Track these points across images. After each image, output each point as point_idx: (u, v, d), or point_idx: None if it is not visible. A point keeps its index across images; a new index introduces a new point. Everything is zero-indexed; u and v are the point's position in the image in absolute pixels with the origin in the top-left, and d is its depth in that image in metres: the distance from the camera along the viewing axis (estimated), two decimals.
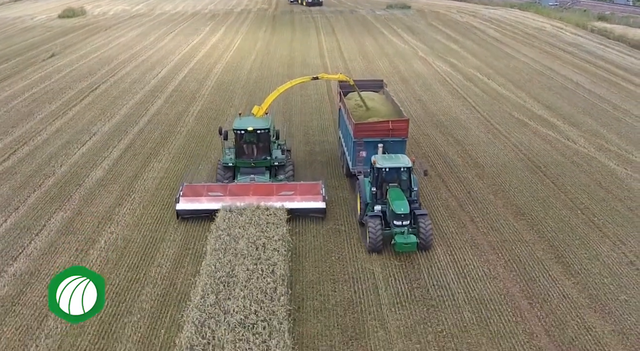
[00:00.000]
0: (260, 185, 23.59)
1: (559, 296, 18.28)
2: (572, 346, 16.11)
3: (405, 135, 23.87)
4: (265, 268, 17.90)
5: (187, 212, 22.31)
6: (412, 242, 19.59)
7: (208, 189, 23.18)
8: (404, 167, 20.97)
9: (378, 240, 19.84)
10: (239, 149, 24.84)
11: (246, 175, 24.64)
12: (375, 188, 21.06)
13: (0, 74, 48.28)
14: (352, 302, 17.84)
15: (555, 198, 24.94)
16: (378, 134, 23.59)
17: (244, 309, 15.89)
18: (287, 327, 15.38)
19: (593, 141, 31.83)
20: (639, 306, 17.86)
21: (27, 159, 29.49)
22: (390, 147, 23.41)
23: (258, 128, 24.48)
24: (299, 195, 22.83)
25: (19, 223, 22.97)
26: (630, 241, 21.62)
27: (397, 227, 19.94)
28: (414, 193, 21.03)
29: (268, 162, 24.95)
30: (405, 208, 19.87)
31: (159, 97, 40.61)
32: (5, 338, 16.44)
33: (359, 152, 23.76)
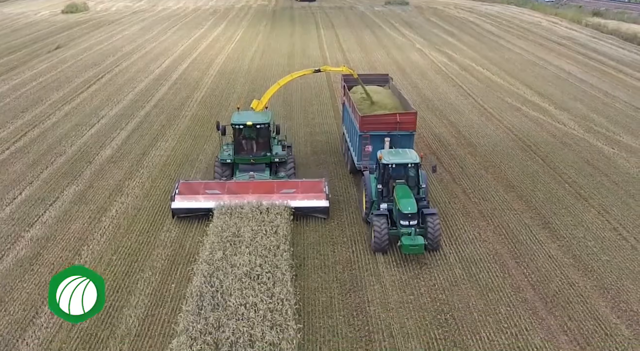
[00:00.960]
0: (260, 182, 22.56)
1: (544, 257, 19.51)
2: (556, 299, 17.31)
3: (413, 128, 23.05)
4: (269, 229, 19.11)
5: (183, 210, 21.25)
6: (420, 243, 18.38)
7: (205, 187, 22.15)
8: (411, 162, 19.87)
9: (384, 241, 18.86)
10: (238, 145, 23.75)
11: (245, 172, 23.56)
12: (382, 185, 19.97)
13: (8, 64, 49.37)
14: (350, 261, 19.08)
15: (544, 173, 26.19)
16: (385, 127, 22.81)
17: (249, 263, 17.10)
18: (289, 277, 16.61)
19: (582, 124, 33.09)
20: (619, 266, 19.07)
21: (38, 140, 30.68)
22: (397, 141, 22.62)
23: (257, 122, 23.42)
24: (300, 193, 21.70)
25: (34, 195, 24.17)
26: (614, 210, 22.85)
27: (404, 227, 18.78)
28: (422, 191, 19.94)
29: (268, 158, 23.85)
30: (412, 207, 18.70)
31: (164, 84, 41.82)
32: (26, 292, 17.64)
33: (365, 146, 22.95)
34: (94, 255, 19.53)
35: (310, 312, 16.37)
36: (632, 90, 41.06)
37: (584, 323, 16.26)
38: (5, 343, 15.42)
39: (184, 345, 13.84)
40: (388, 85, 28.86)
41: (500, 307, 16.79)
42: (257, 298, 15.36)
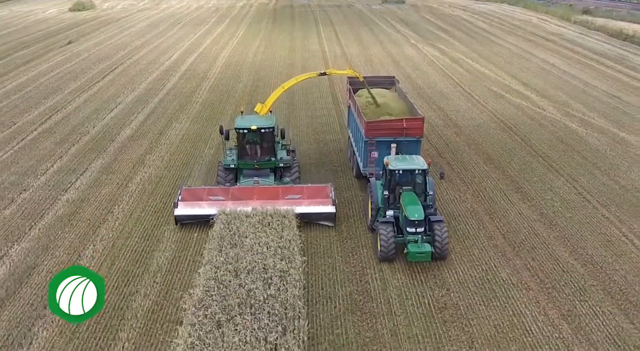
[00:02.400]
0: (265, 188, 22.08)
1: (515, 213, 22.53)
2: (522, 245, 20.31)
3: (420, 134, 22.58)
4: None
5: (186, 217, 20.92)
6: (427, 251, 18.09)
7: (209, 193, 21.74)
8: (419, 169, 19.49)
9: (390, 249, 18.52)
10: (242, 150, 23.19)
11: (249, 177, 23.04)
12: (388, 191, 19.56)
13: (24, 57, 52.28)
14: (347, 217, 22.07)
15: (521, 149, 29.21)
16: (391, 133, 22.37)
17: (261, 214, 20.07)
18: (295, 224, 19.60)
19: (561, 109, 36.11)
20: (581, 221, 22.07)
21: (62, 122, 33.64)
22: (404, 147, 22.19)
23: (262, 127, 22.88)
24: (306, 199, 21.26)
25: (65, 167, 27.14)
26: (581, 179, 25.85)
27: (411, 234, 18.51)
28: (430, 198, 19.59)
29: (273, 163, 23.33)
30: (419, 214, 18.36)
31: (174, 75, 44.78)
32: (67, 240, 20.62)
33: (371, 152, 22.58)
34: (124, 212, 22.53)
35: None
36: (611, 81, 44.02)
37: (545, 263, 19.27)
38: (66, 259, 18.44)
39: (210, 272, 16.78)
40: (394, 88, 28.48)
41: (474, 250, 19.78)
42: (269, 238, 18.32)
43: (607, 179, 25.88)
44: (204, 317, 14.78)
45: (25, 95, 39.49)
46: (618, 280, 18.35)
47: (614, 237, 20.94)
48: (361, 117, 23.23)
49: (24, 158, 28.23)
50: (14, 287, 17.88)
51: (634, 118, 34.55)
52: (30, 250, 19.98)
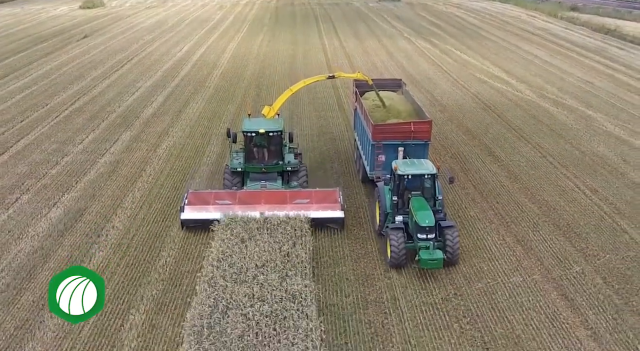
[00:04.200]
0: (272, 192, 21.88)
1: (486, 171, 26.62)
2: (490, 193, 24.35)
3: (428, 138, 22.47)
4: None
5: (193, 221, 20.73)
6: (439, 258, 17.79)
7: (215, 197, 21.47)
8: (428, 173, 19.24)
9: (401, 255, 18.28)
10: (249, 153, 22.89)
11: (256, 181, 22.74)
12: (397, 197, 19.31)
13: (44, 50, 56.23)
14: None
15: (497, 123, 33.31)
16: (398, 137, 22.21)
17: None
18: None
19: (537, 92, 40.19)
20: (542, 176, 26.12)
21: (90, 102, 37.67)
22: (411, 150, 22.03)
23: (270, 130, 22.60)
24: (315, 204, 21.04)
25: (98, 137, 31.18)
26: (547, 146, 29.89)
27: (422, 240, 18.21)
28: (439, 203, 19.37)
29: (280, 167, 22.98)
30: (430, 220, 18.12)
31: (186, 64, 48.85)
32: (110, 190, 24.68)
33: (378, 155, 22.38)
34: (155, 170, 26.59)
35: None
36: (587, 69, 48.08)
37: (507, 205, 23.35)
38: (103, 217, 22.41)
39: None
40: (401, 91, 28.45)
41: (448, 196, 23.73)
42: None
43: (570, 146, 29.95)
44: (230, 235, 18.75)
45: (51, 81, 43.48)
46: (567, 218, 22.41)
47: (568, 188, 25.02)
48: (368, 120, 23.01)
49: (61, 131, 32.25)
50: (70, 223, 21.92)
51: (602, 100, 38.62)
52: (80, 197, 24.03)
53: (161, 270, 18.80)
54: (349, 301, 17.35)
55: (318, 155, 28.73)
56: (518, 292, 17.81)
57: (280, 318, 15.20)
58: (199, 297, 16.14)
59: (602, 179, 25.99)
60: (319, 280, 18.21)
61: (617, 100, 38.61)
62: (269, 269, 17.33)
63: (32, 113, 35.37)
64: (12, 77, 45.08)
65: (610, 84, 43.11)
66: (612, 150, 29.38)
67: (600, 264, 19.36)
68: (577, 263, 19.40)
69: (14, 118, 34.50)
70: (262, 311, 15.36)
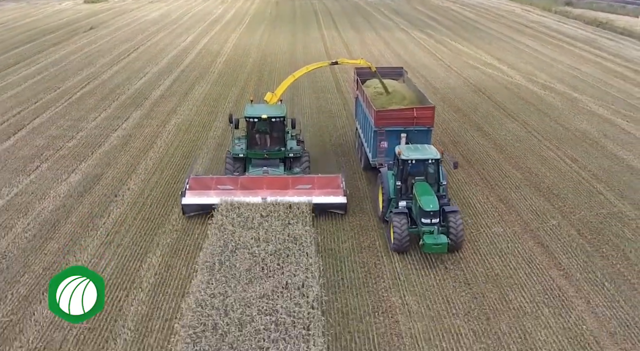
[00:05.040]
0: (275, 178, 21.68)
1: (474, 143, 28.51)
2: (477, 161, 26.24)
3: (430, 124, 22.40)
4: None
5: (194, 207, 20.65)
6: (443, 242, 17.71)
7: (217, 182, 21.42)
8: (432, 158, 19.20)
9: (404, 240, 18.27)
10: (251, 139, 22.79)
11: (258, 167, 22.58)
12: (400, 182, 19.26)
13: (52, 40, 57.96)
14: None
15: (486, 103, 35.22)
16: (401, 123, 22.08)
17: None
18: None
19: (526, 77, 42.09)
20: (525, 148, 28.01)
21: (100, 86, 39.53)
22: (414, 137, 21.89)
23: (273, 116, 22.48)
24: (317, 189, 20.98)
25: (110, 115, 33.04)
26: (533, 123, 31.78)
27: (426, 225, 18.16)
28: (443, 188, 19.36)
29: (282, 153, 22.91)
30: (434, 205, 18.02)
31: (191, 53, 50.73)
32: (124, 159, 26.55)
33: (380, 142, 22.13)
34: (165, 143, 28.47)
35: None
36: (577, 57, 49.97)
37: (491, 172, 25.25)
38: (118, 181, 24.28)
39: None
40: (402, 79, 28.45)
41: None
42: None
43: (554, 123, 31.83)
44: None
45: (62, 68, 45.30)
46: (547, 182, 24.31)
47: (550, 158, 26.93)
48: (370, 107, 22.86)
49: (74, 110, 34.11)
50: (89, 186, 23.78)
51: (589, 84, 40.51)
52: (96, 165, 25.91)
53: (174, 222, 20.65)
54: (345, 246, 19.24)
55: (317, 129, 30.69)
56: (498, 240, 19.71)
57: (283, 256, 17.06)
58: (210, 240, 18.01)
59: (582, 151, 27.88)
60: (318, 229, 19.99)
61: (602, 84, 40.49)
62: (272, 218, 19.18)
63: (45, 96, 37.18)
64: (22, 64, 46.86)
65: (597, 70, 45.00)
66: (594, 127, 31.26)
67: (575, 219, 21.24)
68: (554, 217, 21.30)
69: (28, 99, 36.30)
70: (267, 250, 17.23)
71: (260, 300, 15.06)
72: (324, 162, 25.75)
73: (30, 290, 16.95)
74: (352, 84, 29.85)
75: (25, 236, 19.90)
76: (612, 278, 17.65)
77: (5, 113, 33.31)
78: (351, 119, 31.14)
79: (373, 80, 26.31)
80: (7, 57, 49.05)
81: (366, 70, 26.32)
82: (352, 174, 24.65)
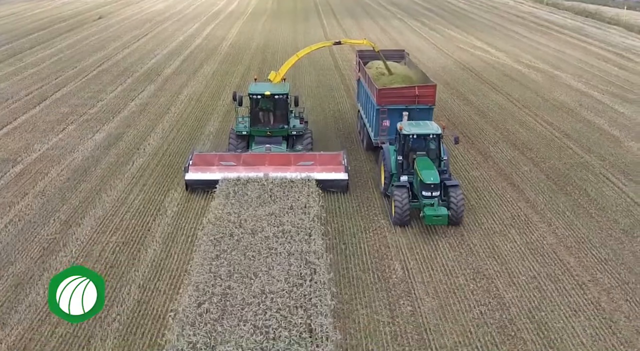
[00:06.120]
0: (277, 155, 21.96)
1: (459, 110, 31.38)
2: (460, 124, 29.05)
3: (432, 102, 22.68)
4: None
5: (197, 182, 20.92)
6: (444, 214, 17.97)
7: (220, 158, 21.73)
8: (433, 134, 19.50)
9: (405, 212, 18.41)
10: (254, 116, 23.00)
11: (261, 144, 22.84)
12: (402, 157, 19.52)
13: (64, 28, 60.73)
14: (339, 111, 30.88)
15: (472, 79, 38.11)
16: (403, 101, 22.35)
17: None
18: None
19: (513, 58, 44.93)
20: (506, 114, 30.85)
21: (115, 65, 42.35)
22: (416, 115, 22.12)
23: (276, 93, 22.79)
24: (318, 166, 21.21)
25: (127, 88, 35.89)
26: (514, 94, 34.61)
27: (426, 198, 18.36)
28: (444, 163, 19.65)
29: (285, 131, 23.12)
30: (435, 178, 18.27)
31: (197, 38, 53.59)
32: (143, 122, 29.39)
33: (383, 120, 22.17)
34: (179, 109, 31.36)
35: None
36: (563, 43, 52.74)
37: (473, 131, 28.11)
38: (139, 138, 27.09)
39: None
40: (404, 62, 28.73)
41: None
42: None
43: (535, 95, 34.67)
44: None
45: (77, 50, 48.11)
46: (523, 139, 27.16)
47: (527, 121, 29.79)
48: (373, 86, 23.08)
49: (93, 84, 36.92)
50: (113, 141, 26.64)
51: (571, 64, 43.31)
52: (118, 126, 28.76)
53: None
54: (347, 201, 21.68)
55: (317, 99, 33.58)
56: (475, 181, 22.60)
57: (289, 186, 19.90)
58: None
59: (558, 116, 30.72)
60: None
61: (584, 64, 43.31)
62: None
63: (64, 73, 39.99)
64: (39, 48, 49.62)
65: (581, 53, 47.81)
66: (570, 98, 34.10)
67: (545, 166, 24.11)
68: (526, 165, 24.18)
69: (48, 76, 39.11)
70: (274, 182, 20.06)
71: (269, 217, 17.92)
72: (324, 124, 28.64)
73: (69, 217, 19.77)
74: (353, 66, 31.46)
75: (60, 179, 22.75)
76: (573, 209, 20.50)
77: (29, 87, 36.11)
78: (347, 91, 34.01)
79: (374, 62, 26.99)
80: (23, 42, 51.84)
81: (368, 53, 27.13)
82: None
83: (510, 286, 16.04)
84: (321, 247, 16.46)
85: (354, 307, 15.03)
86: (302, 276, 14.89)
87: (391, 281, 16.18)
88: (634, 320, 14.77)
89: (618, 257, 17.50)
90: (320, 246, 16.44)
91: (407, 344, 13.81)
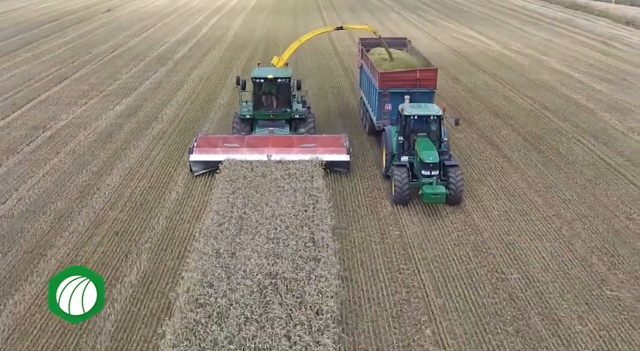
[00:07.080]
0: (280, 137, 22.35)
1: (449, 87, 34.10)
2: (448, 98, 31.73)
3: (433, 85, 23.10)
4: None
5: (202, 163, 21.35)
6: (442, 192, 18.35)
7: (224, 141, 22.05)
8: (433, 115, 19.91)
9: (405, 192, 18.77)
10: (258, 100, 23.39)
11: (265, 127, 23.27)
12: (403, 138, 19.93)
13: (74, 20, 63.33)
14: (337, 88, 33.58)
15: (463, 63, 40.84)
16: (405, 85, 22.70)
17: None
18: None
19: (502, 45, 47.65)
20: (491, 91, 33.51)
21: (127, 51, 45.04)
22: (417, 98, 22.43)
23: (279, 77, 23.19)
24: (321, 148, 21.50)
25: (140, 70, 38.57)
26: (501, 75, 37.32)
27: (426, 177, 18.80)
28: (444, 144, 19.99)
29: (288, 114, 23.49)
30: (434, 157, 18.70)
31: (203, 28, 56.33)
32: (159, 96, 32.14)
33: (385, 104, 22.60)
34: (191, 86, 34.07)
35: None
36: (552, 33, 55.45)
37: (460, 104, 30.84)
38: (157, 109, 29.76)
39: None
40: (406, 49, 29.31)
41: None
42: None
43: (520, 76, 37.36)
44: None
45: (89, 39, 50.78)
46: (504, 110, 29.90)
47: (511, 96, 32.52)
48: (375, 71, 23.45)
49: (109, 67, 39.60)
50: (133, 112, 29.33)
51: (558, 51, 45.98)
52: (136, 100, 31.47)
53: (207, 132, 26.17)
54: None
55: (318, 79, 36.38)
56: (459, 141, 25.31)
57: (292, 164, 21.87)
58: None
59: (539, 93, 33.41)
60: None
61: (570, 51, 46.00)
62: None
63: (79, 58, 42.63)
64: (52, 37, 52.23)
65: (568, 41, 50.53)
66: (553, 78, 36.80)
67: (523, 131, 26.81)
68: (506, 130, 26.92)
69: (65, 61, 41.75)
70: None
71: (277, 164, 20.55)
72: (323, 98, 31.34)
73: (100, 168, 22.49)
74: (353, 52, 33.98)
75: (88, 140, 25.43)
76: (544, 163, 23.20)
77: (48, 70, 38.74)
78: (345, 71, 36.62)
79: (376, 49, 27.55)
80: (37, 32, 54.47)
81: (370, 40, 27.97)
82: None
83: (484, 218, 18.72)
84: (322, 184, 19.13)
85: (349, 232, 17.72)
86: (306, 205, 17.56)
87: (382, 214, 18.87)
88: (589, 242, 17.41)
89: (580, 198, 20.17)
90: (321, 184, 19.12)
91: (394, 257, 16.48)
